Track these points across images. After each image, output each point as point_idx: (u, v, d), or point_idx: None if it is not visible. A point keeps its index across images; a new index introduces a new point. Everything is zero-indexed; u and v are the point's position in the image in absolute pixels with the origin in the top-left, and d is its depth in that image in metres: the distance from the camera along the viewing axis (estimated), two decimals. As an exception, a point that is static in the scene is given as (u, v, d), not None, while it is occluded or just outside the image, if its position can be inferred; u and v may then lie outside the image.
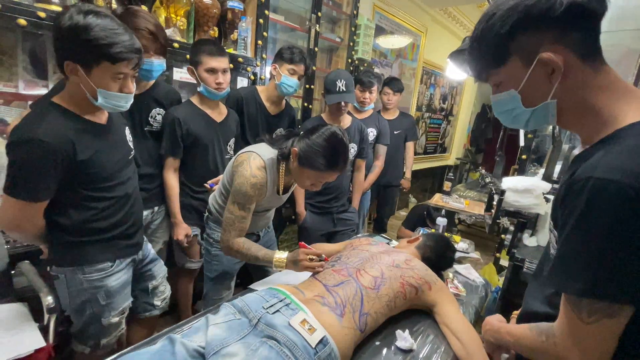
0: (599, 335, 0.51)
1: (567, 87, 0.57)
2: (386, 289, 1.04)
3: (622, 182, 0.46)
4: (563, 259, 0.53)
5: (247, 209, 1.16)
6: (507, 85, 0.62)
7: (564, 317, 0.55)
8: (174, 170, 1.53)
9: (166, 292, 1.39)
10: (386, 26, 3.40)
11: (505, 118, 0.67)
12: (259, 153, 1.17)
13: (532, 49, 0.56)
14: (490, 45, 0.59)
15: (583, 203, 0.50)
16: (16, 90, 1.31)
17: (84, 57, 0.89)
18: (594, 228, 0.49)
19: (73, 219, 1.01)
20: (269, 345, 0.78)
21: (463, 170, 5.57)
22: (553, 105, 0.59)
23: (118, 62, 0.92)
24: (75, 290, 1.06)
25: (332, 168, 1.12)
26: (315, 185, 1.19)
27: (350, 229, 2.08)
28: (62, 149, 0.91)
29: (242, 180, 1.13)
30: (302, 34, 2.39)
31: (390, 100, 2.61)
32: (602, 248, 0.48)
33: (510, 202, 1.71)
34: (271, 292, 0.95)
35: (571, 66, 0.55)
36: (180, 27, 1.68)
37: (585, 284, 0.50)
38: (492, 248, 3.37)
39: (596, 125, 0.57)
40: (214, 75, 1.47)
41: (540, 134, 2.47)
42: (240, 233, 1.19)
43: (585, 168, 0.52)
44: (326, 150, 1.09)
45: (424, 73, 4.25)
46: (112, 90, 0.95)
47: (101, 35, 0.87)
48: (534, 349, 0.62)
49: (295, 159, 1.14)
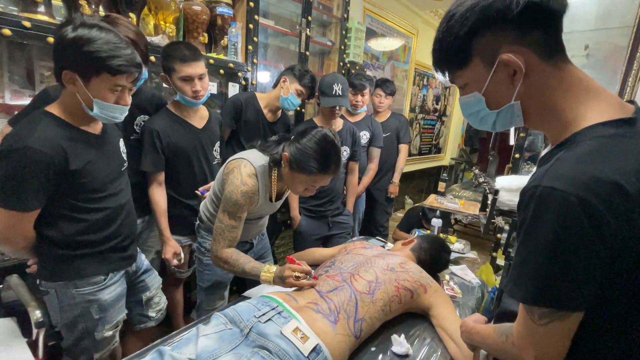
0: (551, 336, 0.51)
1: (530, 88, 0.56)
2: (381, 293, 1.03)
3: (566, 191, 0.46)
4: (514, 266, 0.54)
5: (237, 218, 1.13)
6: (472, 87, 0.61)
7: (520, 318, 0.55)
8: (159, 184, 1.47)
9: (161, 303, 1.36)
10: (377, 29, 3.42)
11: (473, 120, 0.66)
12: (250, 160, 1.15)
13: (493, 51, 0.55)
14: (451, 47, 0.58)
15: (531, 212, 0.50)
16: (2, 101, 1.29)
17: (84, 67, 0.90)
18: (539, 237, 0.49)
19: (64, 231, 0.99)
20: (260, 355, 0.77)
21: (458, 170, 5.59)
22: (517, 107, 0.58)
23: (117, 75, 0.92)
24: (67, 305, 1.04)
25: (324, 171, 1.09)
26: (309, 190, 1.16)
27: (346, 232, 2.07)
28: (54, 157, 0.90)
29: (232, 188, 1.10)
30: (293, 39, 2.39)
31: (382, 103, 2.58)
32: (546, 257, 0.48)
33: (504, 202, 1.70)
34: (263, 300, 0.94)
35: (533, 67, 0.54)
36: (170, 34, 1.67)
37: (530, 292, 0.50)
38: (489, 248, 3.37)
39: (558, 127, 0.56)
40: (190, 83, 1.38)
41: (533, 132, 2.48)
42: (230, 243, 1.14)
43: (536, 175, 0.52)
44: (317, 153, 1.06)
45: (416, 75, 4.27)
46: (109, 102, 0.96)
47: (104, 48, 0.89)
48: (497, 348, 0.64)
49: (287, 164, 1.11)
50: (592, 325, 0.51)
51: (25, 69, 1.33)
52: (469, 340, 0.78)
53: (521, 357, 0.55)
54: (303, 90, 1.78)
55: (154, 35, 1.60)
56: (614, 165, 0.46)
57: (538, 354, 0.53)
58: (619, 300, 0.49)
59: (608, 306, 0.50)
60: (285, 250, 2.50)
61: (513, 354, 0.58)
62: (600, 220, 0.45)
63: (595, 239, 0.45)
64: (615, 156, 0.47)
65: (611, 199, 0.45)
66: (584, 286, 0.47)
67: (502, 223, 2.08)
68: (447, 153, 5.67)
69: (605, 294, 0.48)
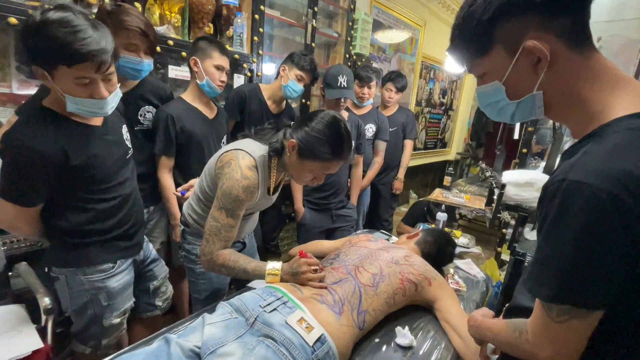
0: (568, 334, 0.50)
1: (554, 77, 0.53)
2: (385, 286, 1.03)
3: (596, 185, 0.44)
4: (536, 263, 0.52)
5: (236, 215, 1.02)
6: (491, 76, 0.59)
7: (536, 315, 0.54)
8: (169, 170, 1.50)
9: (167, 292, 1.38)
10: (384, 20, 3.37)
11: (490, 111, 0.64)
12: (248, 151, 1.04)
13: (517, 37, 0.53)
14: (472, 33, 0.56)
15: (556, 207, 0.48)
16: (10, 91, 1.29)
17: (43, 60, 0.80)
18: (565, 234, 0.47)
19: (71, 221, 1.00)
20: (265, 344, 0.77)
21: (464, 165, 5.54)
22: (539, 97, 0.56)
23: (74, 65, 0.80)
24: (76, 291, 1.05)
25: (338, 156, 1.02)
26: (318, 178, 1.07)
27: (349, 225, 2.06)
28: (53, 156, 0.88)
29: (232, 183, 0.98)
30: (298, 30, 2.37)
31: (392, 98, 2.52)
32: (571, 254, 0.47)
33: (510, 196, 1.69)
34: (268, 291, 0.94)
35: (558, 54, 0.52)
36: (175, 24, 1.66)
37: (552, 290, 0.49)
38: (494, 243, 3.36)
39: (584, 119, 0.54)
40: (221, 72, 1.49)
41: (542, 128, 2.44)
42: (226, 244, 1.03)
43: (562, 169, 0.50)
44: (329, 137, 0.99)
45: (423, 67, 4.22)
46: (80, 96, 0.86)
47: (56, 34, 0.76)
48: (509, 344, 0.62)
49: (294, 151, 1.02)
50: (611, 324, 0.49)
51: (32, 58, 1.33)
52: (478, 335, 0.77)
53: (536, 354, 0.54)
54: (303, 74, 1.74)
55: (159, 26, 1.59)
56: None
57: (554, 351, 0.52)
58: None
59: (630, 305, 0.48)
60: (289, 243, 2.51)
61: (527, 351, 0.56)
62: (630, 217, 0.43)
63: (624, 236, 0.44)
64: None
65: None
66: (608, 285, 0.46)
67: (508, 218, 2.07)
68: (452, 148, 5.62)
69: (628, 293, 0.47)
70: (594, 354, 0.52)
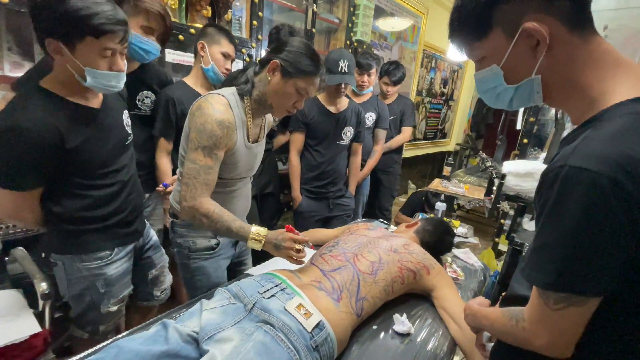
0: (565, 321, 0.50)
1: (553, 61, 0.52)
2: (383, 273, 1.03)
3: (597, 171, 0.43)
4: (534, 250, 0.52)
5: (214, 155, 0.96)
6: (490, 60, 0.57)
7: (533, 302, 0.54)
8: (167, 154, 1.49)
9: (166, 282, 1.37)
10: (386, 7, 3.30)
11: (488, 97, 0.63)
12: (218, 92, 1.01)
13: (515, 19, 0.52)
14: (471, 15, 0.55)
15: (555, 193, 0.47)
16: (2, 73, 1.26)
17: (65, 32, 0.81)
18: (564, 220, 0.46)
19: (68, 208, 0.98)
20: (264, 330, 0.77)
21: (463, 157, 5.53)
22: (537, 82, 0.54)
23: (102, 36, 0.83)
24: (74, 277, 1.05)
25: (318, 70, 1.02)
26: (299, 102, 1.04)
27: (347, 214, 2.06)
28: (47, 138, 0.86)
29: (205, 118, 0.93)
30: (299, 15, 2.32)
31: (389, 91, 2.47)
32: (570, 241, 0.46)
33: (510, 186, 1.69)
34: (267, 277, 0.94)
35: (558, 37, 0.50)
36: (172, 6, 1.61)
37: (550, 277, 0.48)
38: (491, 233, 3.38)
39: (584, 104, 0.52)
40: (226, 60, 1.49)
41: (542, 118, 2.42)
42: (207, 189, 0.97)
43: (562, 154, 0.49)
44: (309, 51, 1.01)
45: (424, 56, 4.15)
46: (101, 69, 0.88)
47: (79, 5, 0.79)
48: (505, 332, 0.62)
49: (278, 72, 0.99)
50: (608, 311, 0.49)
51: (25, 39, 1.29)
52: (474, 324, 0.77)
53: (532, 341, 0.54)
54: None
55: (156, 7, 1.54)
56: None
57: (550, 339, 0.52)
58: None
59: (628, 291, 0.48)
60: (287, 231, 2.51)
61: (523, 338, 0.56)
62: (631, 203, 0.42)
63: (625, 223, 0.43)
64: None
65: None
66: (608, 272, 0.45)
67: (507, 208, 2.07)
68: (452, 138, 5.60)
69: (627, 280, 0.46)
70: (590, 341, 0.51)
